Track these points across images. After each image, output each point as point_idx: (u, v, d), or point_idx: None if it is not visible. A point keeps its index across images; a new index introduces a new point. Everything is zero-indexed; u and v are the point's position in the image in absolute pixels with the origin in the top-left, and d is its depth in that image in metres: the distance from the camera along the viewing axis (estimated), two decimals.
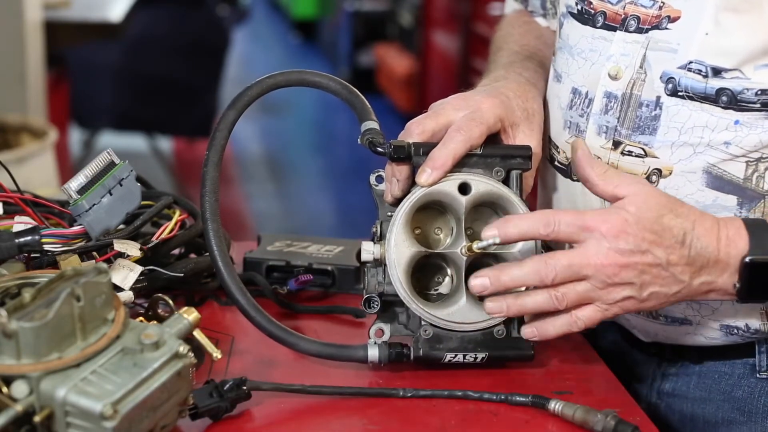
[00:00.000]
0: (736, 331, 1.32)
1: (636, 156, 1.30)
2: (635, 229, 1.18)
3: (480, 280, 1.22)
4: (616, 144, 1.31)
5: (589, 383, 1.31)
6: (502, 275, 1.22)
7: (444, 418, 1.19)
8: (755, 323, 1.32)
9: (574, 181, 1.36)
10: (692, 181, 1.27)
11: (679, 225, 1.19)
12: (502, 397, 1.22)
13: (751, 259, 1.19)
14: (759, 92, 1.23)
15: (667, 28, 1.27)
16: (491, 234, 1.21)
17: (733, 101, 1.24)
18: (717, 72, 1.24)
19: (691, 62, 1.25)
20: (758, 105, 1.23)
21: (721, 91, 1.24)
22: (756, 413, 1.36)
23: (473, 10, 5.83)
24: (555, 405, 1.20)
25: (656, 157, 1.28)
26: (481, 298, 1.32)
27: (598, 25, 1.34)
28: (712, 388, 1.39)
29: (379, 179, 1.32)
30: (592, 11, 1.35)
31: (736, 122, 1.24)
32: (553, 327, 1.23)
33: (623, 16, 1.31)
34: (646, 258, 1.18)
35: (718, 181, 1.26)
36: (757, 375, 1.36)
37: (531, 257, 1.22)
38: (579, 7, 1.37)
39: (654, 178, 1.29)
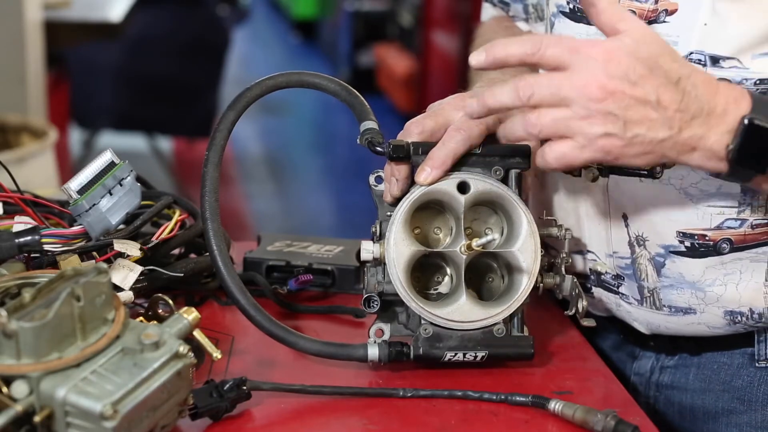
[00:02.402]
0: (740, 318, 1.33)
1: None
2: (627, 58, 1.10)
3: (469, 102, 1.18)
4: None
5: (589, 383, 1.31)
6: (486, 94, 1.15)
7: (444, 418, 1.20)
8: (759, 307, 1.32)
9: (574, 176, 1.37)
10: (696, 170, 1.27)
11: (676, 68, 1.12)
12: (502, 397, 1.22)
13: (751, 119, 1.13)
14: (758, 81, 1.24)
15: (665, 21, 1.28)
16: (478, 57, 1.14)
17: None
18: (715, 61, 1.24)
19: (691, 53, 1.26)
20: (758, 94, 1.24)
21: (720, 80, 1.24)
22: (756, 402, 1.37)
23: (473, 10, 5.80)
24: (555, 405, 1.20)
25: None
26: (481, 297, 1.32)
27: (593, 22, 1.34)
28: (711, 379, 1.40)
29: (379, 180, 1.32)
30: None
31: None
32: (543, 159, 1.15)
33: None
34: (635, 91, 1.10)
35: None
36: (756, 364, 1.37)
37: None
38: (571, 5, 1.37)
39: (658, 168, 1.28)
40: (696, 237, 1.30)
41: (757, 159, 1.15)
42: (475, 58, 1.15)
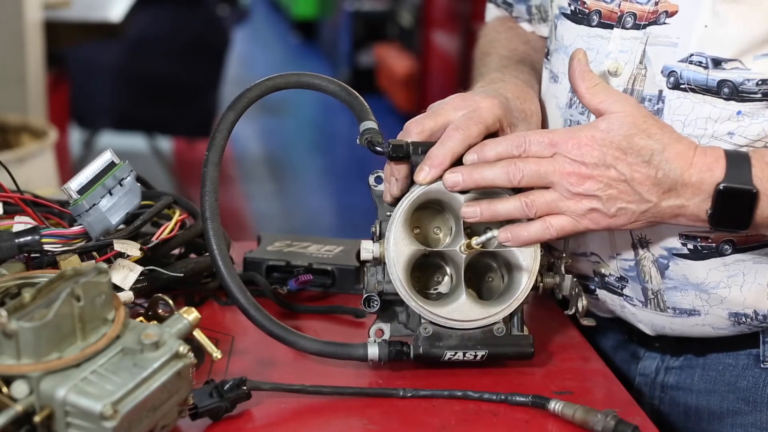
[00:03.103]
0: (744, 319, 1.33)
1: None
2: (600, 145, 1.20)
3: (453, 176, 1.25)
4: None
5: (589, 383, 1.31)
6: (474, 172, 1.24)
7: (444, 418, 1.20)
8: (763, 308, 1.32)
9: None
10: None
11: (649, 146, 1.20)
12: (502, 397, 1.22)
13: (725, 186, 1.20)
14: (759, 82, 1.24)
15: (665, 23, 1.28)
16: (470, 158, 1.25)
17: (734, 92, 1.24)
18: (717, 63, 1.25)
19: (692, 55, 1.26)
20: (759, 95, 1.24)
21: (722, 82, 1.24)
22: (761, 403, 1.37)
23: (473, 10, 5.82)
24: (555, 405, 1.20)
25: None
26: (481, 297, 1.32)
27: (594, 23, 1.34)
28: (716, 380, 1.40)
29: (378, 180, 1.32)
30: (587, 11, 1.35)
31: (739, 113, 1.25)
32: (526, 232, 1.25)
33: (619, 13, 1.32)
34: (610, 172, 1.20)
35: None
36: (762, 365, 1.37)
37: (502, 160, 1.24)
38: (572, 7, 1.37)
39: None
40: (698, 239, 1.30)
41: (736, 219, 1.22)
42: (469, 157, 1.26)
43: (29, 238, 1.24)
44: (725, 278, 1.31)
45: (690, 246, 1.31)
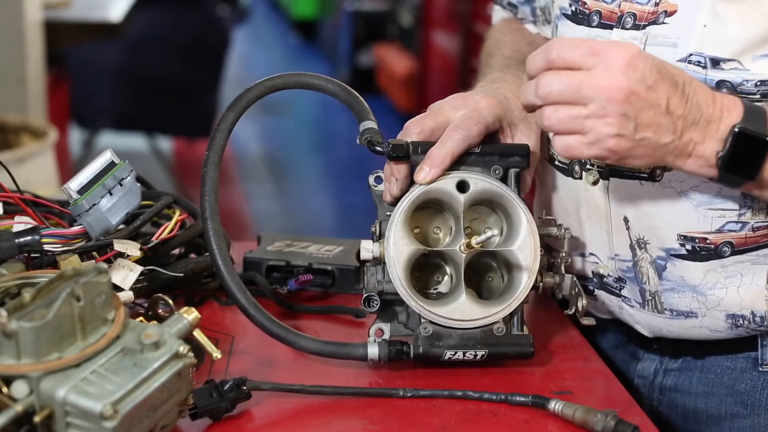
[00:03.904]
0: (742, 321, 1.33)
1: None
2: (645, 63, 1.14)
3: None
4: None
5: (589, 383, 1.31)
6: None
7: (444, 418, 1.20)
8: (761, 310, 1.32)
9: (575, 178, 1.37)
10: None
11: (680, 74, 1.17)
12: (502, 397, 1.22)
13: (741, 129, 1.17)
14: (758, 83, 1.24)
15: (664, 23, 1.28)
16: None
17: (733, 92, 1.24)
18: (716, 63, 1.25)
19: (691, 55, 1.26)
20: (758, 96, 1.24)
21: (721, 83, 1.24)
22: (759, 406, 1.37)
23: (473, 10, 5.82)
24: (555, 405, 1.20)
25: None
26: (481, 297, 1.32)
27: (594, 24, 1.34)
28: (714, 383, 1.40)
29: (378, 180, 1.32)
30: (587, 11, 1.35)
31: None
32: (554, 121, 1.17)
33: (619, 14, 1.32)
34: (651, 95, 1.14)
35: None
36: (760, 368, 1.37)
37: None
38: (573, 8, 1.37)
39: (658, 171, 1.29)
40: (697, 240, 1.30)
41: (745, 167, 1.18)
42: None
43: (29, 238, 1.24)
44: (722, 279, 1.31)
45: (688, 247, 1.31)
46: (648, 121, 1.15)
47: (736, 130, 1.16)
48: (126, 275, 1.29)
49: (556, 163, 1.41)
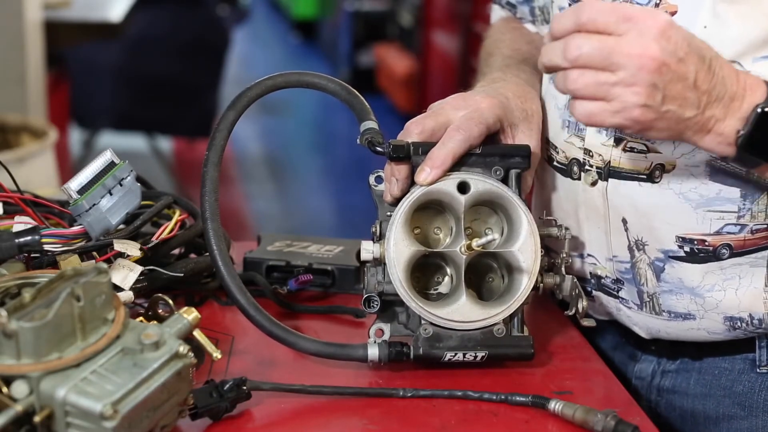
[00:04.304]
0: (740, 324, 1.32)
1: (638, 152, 1.30)
2: (677, 33, 1.12)
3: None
4: (618, 141, 1.31)
5: (589, 383, 1.31)
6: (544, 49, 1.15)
7: (444, 418, 1.19)
8: (759, 312, 1.32)
9: (573, 179, 1.37)
10: (696, 174, 1.27)
11: (708, 49, 1.15)
12: (502, 397, 1.22)
13: (764, 109, 1.15)
14: None
15: None
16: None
17: None
18: None
19: None
20: None
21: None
22: (756, 408, 1.37)
23: (473, 10, 5.82)
24: (555, 405, 1.20)
25: (659, 152, 1.29)
26: (481, 298, 1.32)
27: None
28: (712, 384, 1.39)
29: (378, 180, 1.32)
30: None
31: None
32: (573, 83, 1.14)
33: None
34: (681, 67, 1.12)
35: (721, 174, 1.27)
36: (758, 370, 1.36)
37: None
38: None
39: (657, 173, 1.29)
40: (695, 242, 1.30)
41: (765, 147, 1.16)
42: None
43: (29, 238, 1.24)
44: (720, 281, 1.31)
45: (687, 248, 1.31)
46: (675, 94, 1.12)
47: (759, 110, 1.15)
48: (126, 275, 1.29)
49: (555, 164, 1.41)
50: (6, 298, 1.11)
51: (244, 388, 1.18)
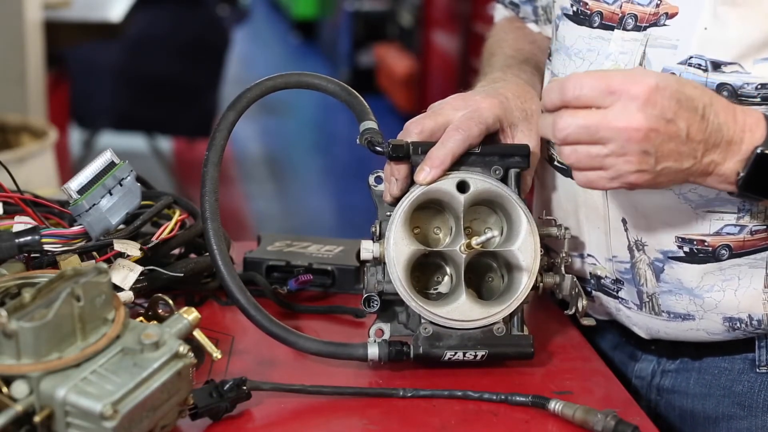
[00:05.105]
0: (739, 324, 1.32)
1: None
2: (662, 95, 1.12)
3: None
4: None
5: (589, 383, 1.31)
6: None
7: (444, 418, 1.20)
8: (758, 313, 1.32)
9: (574, 179, 1.37)
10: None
11: (699, 97, 1.15)
12: (502, 397, 1.22)
13: (762, 151, 1.16)
14: (759, 86, 1.24)
15: (665, 25, 1.28)
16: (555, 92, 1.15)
17: (733, 96, 1.24)
18: (717, 66, 1.24)
19: (691, 57, 1.26)
20: (759, 99, 1.24)
21: (721, 86, 1.24)
22: (756, 408, 1.37)
23: (473, 10, 5.82)
24: (555, 405, 1.20)
25: None
26: (481, 297, 1.32)
27: (595, 25, 1.34)
28: (712, 384, 1.39)
29: (378, 180, 1.32)
30: (588, 12, 1.35)
31: None
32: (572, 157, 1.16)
33: (620, 15, 1.31)
34: (670, 128, 1.13)
35: None
36: (757, 369, 1.36)
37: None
38: (574, 8, 1.37)
39: None
40: (695, 242, 1.30)
41: (765, 187, 1.18)
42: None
43: (29, 238, 1.24)
44: (720, 282, 1.31)
45: (686, 249, 1.31)
46: (668, 152, 1.14)
47: (758, 152, 1.16)
48: (126, 275, 1.29)
49: (556, 164, 1.41)
50: (6, 298, 1.11)
51: (244, 388, 1.18)
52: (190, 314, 1.12)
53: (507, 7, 1.66)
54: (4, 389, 0.99)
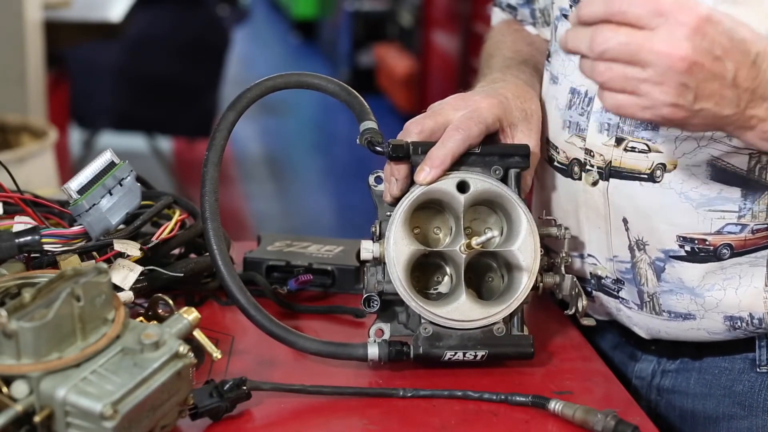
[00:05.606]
0: (740, 324, 1.32)
1: (639, 152, 1.30)
2: (715, 28, 1.05)
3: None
4: (619, 141, 1.31)
5: (589, 383, 1.31)
6: (564, 37, 1.10)
7: (444, 418, 1.19)
8: (759, 312, 1.31)
9: (574, 180, 1.37)
10: (697, 174, 1.27)
11: (755, 41, 1.08)
12: (502, 397, 1.22)
13: None
14: None
15: None
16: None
17: None
18: None
19: None
20: None
21: None
22: (756, 407, 1.37)
23: (473, 10, 5.82)
24: (555, 405, 1.20)
25: (660, 152, 1.29)
26: (481, 297, 1.32)
27: None
28: (712, 384, 1.39)
29: (378, 180, 1.32)
30: None
31: None
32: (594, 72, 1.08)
33: None
34: (717, 65, 1.06)
35: (723, 174, 1.26)
36: (758, 369, 1.36)
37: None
38: (573, 9, 1.37)
39: (658, 172, 1.29)
40: (696, 241, 1.30)
41: None
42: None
43: (29, 238, 1.24)
44: (720, 281, 1.31)
45: (687, 248, 1.31)
46: (710, 93, 1.07)
47: None
48: (126, 275, 1.29)
49: (556, 164, 1.41)
50: (6, 298, 1.11)
51: (244, 388, 1.18)
52: (190, 314, 1.12)
53: (504, 10, 1.66)
54: (4, 389, 0.99)
